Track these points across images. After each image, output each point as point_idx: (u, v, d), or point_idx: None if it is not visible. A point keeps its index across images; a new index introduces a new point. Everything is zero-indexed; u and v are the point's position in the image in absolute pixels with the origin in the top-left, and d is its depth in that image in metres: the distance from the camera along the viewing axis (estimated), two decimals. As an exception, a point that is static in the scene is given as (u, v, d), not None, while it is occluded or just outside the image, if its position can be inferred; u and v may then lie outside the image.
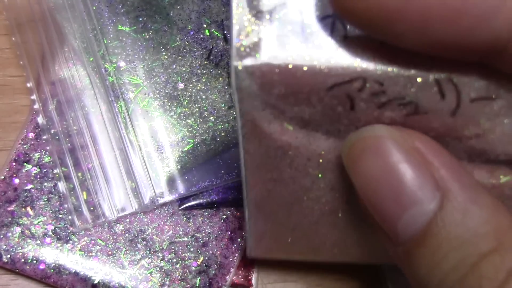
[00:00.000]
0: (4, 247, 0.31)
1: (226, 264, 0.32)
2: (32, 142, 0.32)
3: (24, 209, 0.31)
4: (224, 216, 0.32)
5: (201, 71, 0.32)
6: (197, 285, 0.31)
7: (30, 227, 0.31)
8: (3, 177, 0.32)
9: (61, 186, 0.31)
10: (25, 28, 0.32)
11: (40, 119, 0.32)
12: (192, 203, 0.32)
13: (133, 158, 0.31)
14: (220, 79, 0.32)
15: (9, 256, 0.31)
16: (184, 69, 0.32)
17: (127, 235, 0.31)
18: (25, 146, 0.32)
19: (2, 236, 0.31)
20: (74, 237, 0.31)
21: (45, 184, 0.32)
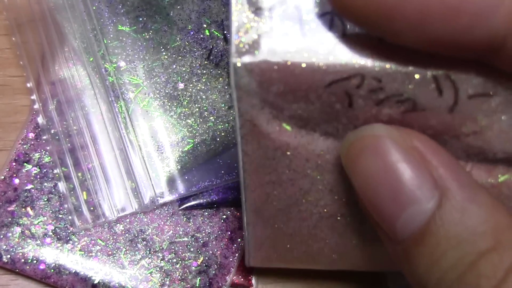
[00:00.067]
0: (4, 247, 0.31)
1: (226, 264, 0.32)
2: (32, 142, 0.32)
3: (24, 209, 0.31)
4: (224, 216, 0.32)
5: (201, 71, 0.32)
6: (197, 285, 0.31)
7: (30, 227, 0.31)
8: (3, 177, 0.32)
9: (61, 186, 0.31)
10: (25, 28, 0.32)
11: (40, 119, 0.32)
12: (192, 203, 0.32)
13: (133, 158, 0.31)
14: (220, 79, 0.32)
15: (9, 256, 0.31)
16: (184, 69, 0.32)
17: (127, 235, 0.31)
18: (25, 146, 0.32)
19: (2, 236, 0.31)
20: (74, 237, 0.31)
21: (45, 184, 0.32)
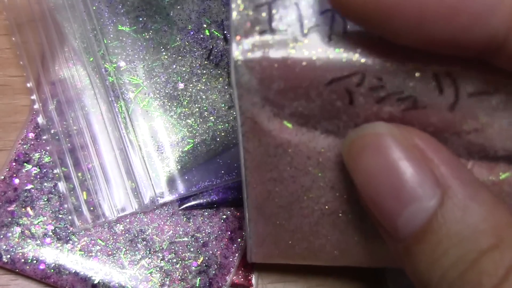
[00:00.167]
0: (4, 247, 0.31)
1: (226, 264, 0.32)
2: (32, 142, 0.32)
3: (24, 209, 0.31)
4: (224, 216, 0.32)
5: (201, 71, 0.32)
6: (197, 285, 0.31)
7: (30, 227, 0.31)
8: (3, 177, 0.32)
9: (61, 186, 0.31)
10: (25, 28, 0.32)
11: (40, 119, 0.32)
12: (192, 203, 0.32)
13: (133, 158, 0.31)
14: (220, 79, 0.32)
15: (9, 256, 0.31)
16: (184, 69, 0.32)
17: (127, 235, 0.31)
18: (25, 146, 0.32)
19: (2, 236, 0.31)
20: (74, 237, 0.31)
21: (45, 184, 0.32)
